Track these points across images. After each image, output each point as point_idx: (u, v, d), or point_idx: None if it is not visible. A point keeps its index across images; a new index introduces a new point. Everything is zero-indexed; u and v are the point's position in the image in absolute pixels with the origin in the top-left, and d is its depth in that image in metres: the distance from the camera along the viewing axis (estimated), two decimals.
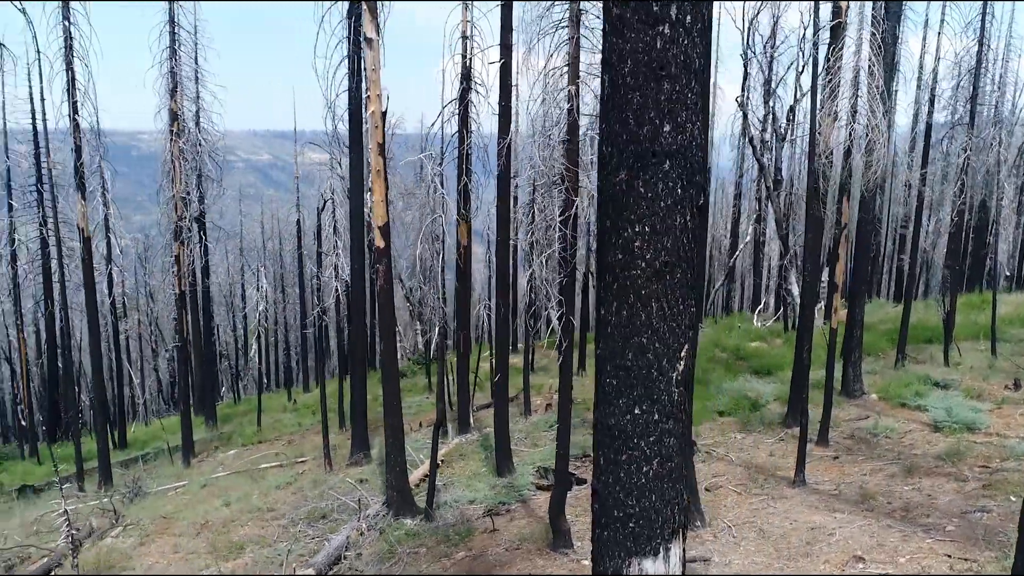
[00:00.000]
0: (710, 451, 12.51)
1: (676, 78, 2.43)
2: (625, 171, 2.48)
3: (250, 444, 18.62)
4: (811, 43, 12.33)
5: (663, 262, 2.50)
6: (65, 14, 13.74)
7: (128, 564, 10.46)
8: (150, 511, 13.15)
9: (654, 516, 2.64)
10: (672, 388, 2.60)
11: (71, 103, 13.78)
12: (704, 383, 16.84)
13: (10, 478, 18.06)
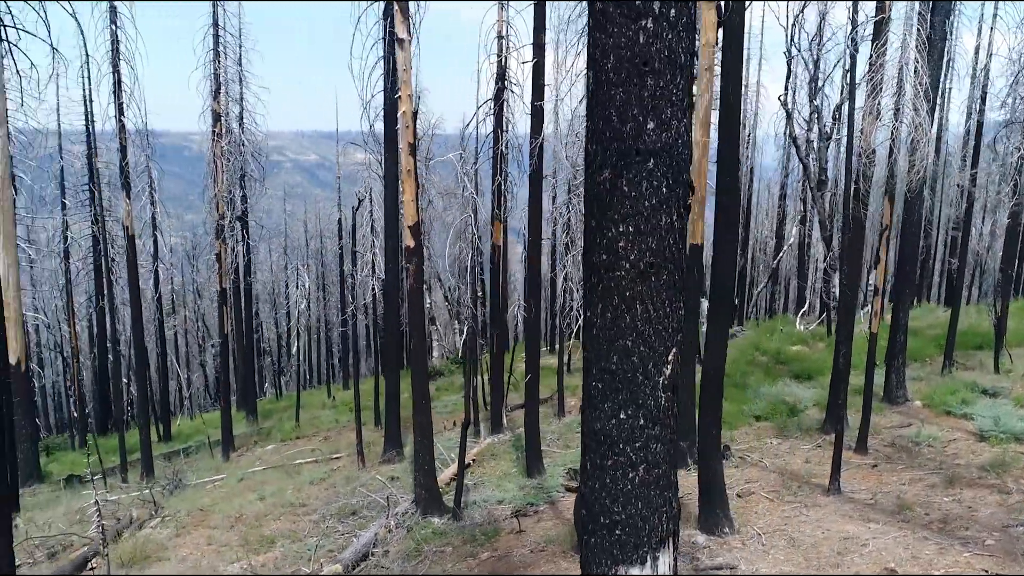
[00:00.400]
0: (744, 456, 12.28)
1: (660, 74, 2.35)
2: (609, 169, 2.41)
3: (288, 439, 18.91)
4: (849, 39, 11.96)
5: (648, 263, 2.43)
6: (112, 18, 14.17)
7: (163, 554, 10.70)
8: (188, 503, 13.44)
9: (640, 524, 2.57)
10: (659, 393, 2.53)
11: (117, 104, 14.20)
12: (742, 387, 16.55)
13: (59, 468, 18.66)
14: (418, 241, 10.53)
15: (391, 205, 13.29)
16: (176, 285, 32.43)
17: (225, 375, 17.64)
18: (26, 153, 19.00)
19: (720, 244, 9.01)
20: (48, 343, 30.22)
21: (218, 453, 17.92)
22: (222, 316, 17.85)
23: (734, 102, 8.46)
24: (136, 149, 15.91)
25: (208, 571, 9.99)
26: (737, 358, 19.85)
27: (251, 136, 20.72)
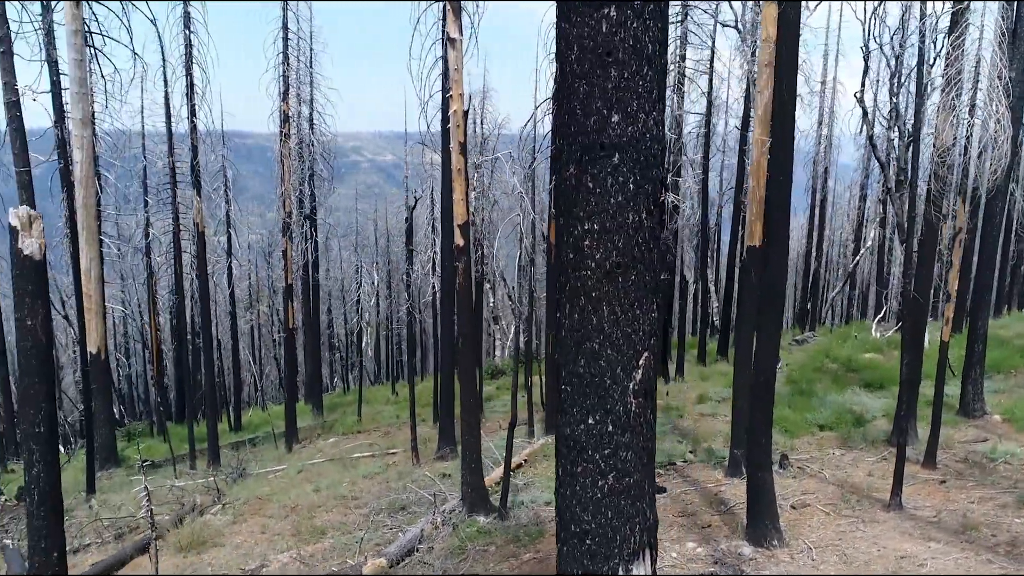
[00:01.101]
0: (803, 467, 11.82)
1: (624, 64, 2.24)
2: (574, 165, 2.32)
3: (349, 433, 19.30)
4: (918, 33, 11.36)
5: (614, 263, 2.32)
6: (186, 23, 14.78)
7: (219, 540, 11.05)
8: (248, 491, 13.86)
9: (611, 534, 2.47)
10: (628, 398, 2.41)
11: (189, 106, 14.81)
12: (807, 394, 15.96)
13: (136, 452, 19.58)
14: (467, 240, 10.55)
15: (447, 205, 13.37)
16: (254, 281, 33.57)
17: (290, 369, 18.14)
18: (111, 153, 20.00)
19: (771, 245, 8.67)
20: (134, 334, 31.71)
21: (282, 444, 18.44)
22: (287, 311, 18.38)
23: (788, 98, 8.13)
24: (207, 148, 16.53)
25: (258, 559, 10.26)
26: (805, 364, 19.18)
27: (320, 136, 21.26)
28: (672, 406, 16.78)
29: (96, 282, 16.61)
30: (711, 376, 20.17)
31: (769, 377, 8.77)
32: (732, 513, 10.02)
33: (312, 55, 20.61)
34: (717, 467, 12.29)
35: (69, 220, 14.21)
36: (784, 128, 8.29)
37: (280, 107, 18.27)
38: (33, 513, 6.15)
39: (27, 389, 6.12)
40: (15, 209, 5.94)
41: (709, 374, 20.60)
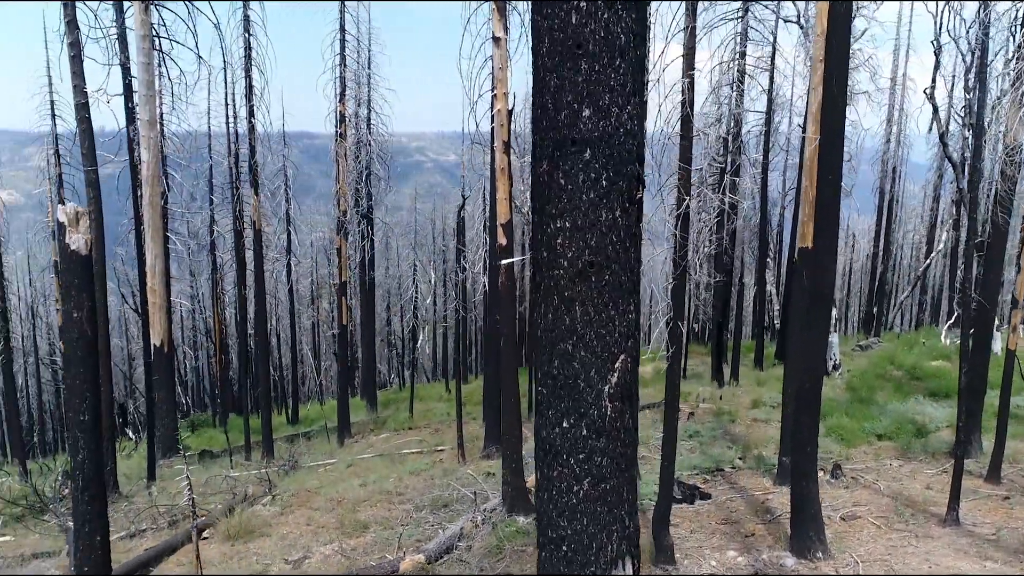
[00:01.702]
0: (857, 477, 11.39)
1: (595, 56, 2.17)
2: (546, 161, 2.26)
3: (401, 429, 19.53)
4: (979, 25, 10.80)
5: (587, 262, 2.25)
6: (246, 26, 15.23)
7: (266, 530, 11.31)
8: (298, 484, 14.17)
9: (587, 541, 2.39)
10: (603, 402, 2.34)
11: (248, 107, 15.25)
12: (867, 402, 15.40)
13: (197, 442, 20.24)
14: (510, 239, 10.53)
15: (493, 204, 13.37)
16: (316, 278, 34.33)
17: (342, 365, 18.47)
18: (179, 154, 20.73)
19: (818, 245, 8.37)
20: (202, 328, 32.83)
21: (335, 438, 18.79)
22: (340, 308, 18.72)
23: (838, 94, 7.82)
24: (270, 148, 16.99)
25: (302, 551, 10.46)
26: (866, 371, 18.51)
27: (378, 136, 21.59)
28: (724, 410, 16.42)
29: (160, 277, 17.23)
30: (767, 381, 19.65)
31: (816, 383, 8.46)
32: (778, 522, 9.73)
33: (370, 56, 20.96)
34: (766, 475, 11.96)
35: (135, 218, 14.80)
36: (833, 125, 7.99)
37: (337, 108, 18.64)
38: (78, 497, 6.35)
39: (72, 379, 6.34)
40: (63, 206, 6.16)
41: (766, 379, 20.07)
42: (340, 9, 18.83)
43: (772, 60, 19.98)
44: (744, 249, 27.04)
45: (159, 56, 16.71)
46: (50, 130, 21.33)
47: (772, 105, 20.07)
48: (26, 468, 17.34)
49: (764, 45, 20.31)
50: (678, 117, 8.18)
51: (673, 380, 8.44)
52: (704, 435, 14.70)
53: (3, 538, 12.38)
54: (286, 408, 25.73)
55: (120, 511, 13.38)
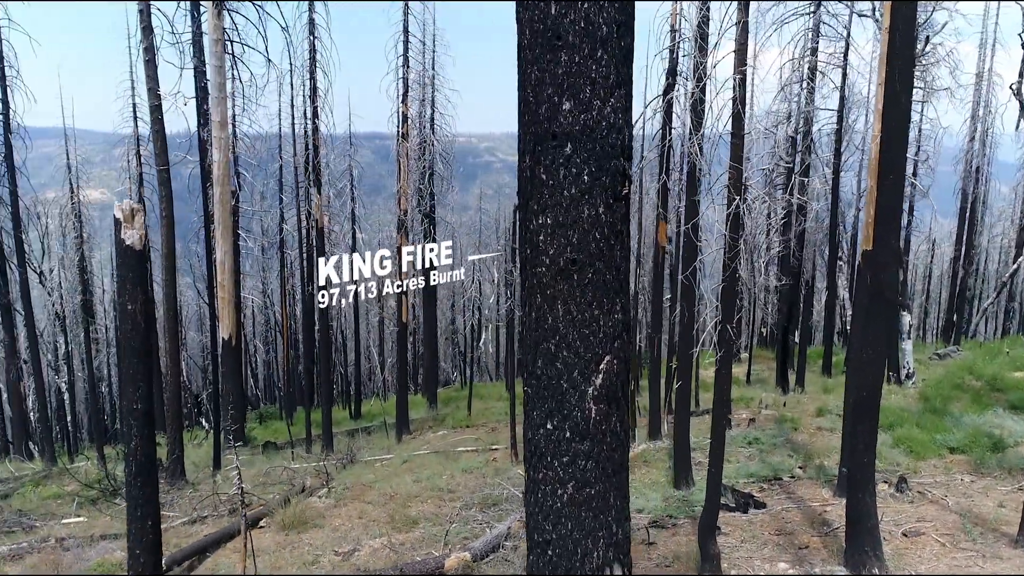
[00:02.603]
0: (924, 491, 10.84)
1: (575, 48, 2.10)
2: (528, 156, 2.20)
3: (458, 427, 19.67)
4: None
5: (568, 259, 2.18)
6: (311, 29, 15.61)
7: (319, 521, 11.57)
8: (354, 477, 14.43)
9: (572, 547, 2.33)
10: (587, 404, 2.27)
11: (312, 108, 15.62)
12: (940, 413, 14.66)
13: (263, 434, 20.89)
14: None
15: None
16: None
17: (401, 362, 18.74)
18: (249, 154, 21.42)
19: (878, 246, 8.00)
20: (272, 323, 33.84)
21: (393, 434, 19.07)
22: (400, 306, 19.00)
23: (901, 89, 7.45)
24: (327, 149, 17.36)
25: (352, 543, 10.64)
26: (941, 381, 17.63)
27: (441, 136, 21.82)
28: (787, 417, 15.92)
29: (230, 273, 17.81)
30: (835, 388, 18.95)
31: (874, 390, 8.09)
32: (835, 535, 9.35)
33: (434, 57, 21.20)
34: (826, 485, 11.52)
35: (204, 216, 15.35)
36: (896, 123, 7.61)
37: (399, 108, 18.90)
38: (131, 482, 6.59)
39: (127, 369, 6.57)
40: (119, 203, 6.40)
41: (833, 386, 19.36)
42: (404, 10, 19.12)
43: (845, 56, 19.26)
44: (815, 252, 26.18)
45: (231, 59, 17.29)
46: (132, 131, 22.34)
47: (845, 103, 19.34)
48: (103, 453, 18.22)
49: (837, 41, 19.60)
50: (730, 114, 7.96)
51: (722, 385, 8.21)
52: (764, 442, 14.28)
53: (77, 519, 13.04)
54: (349, 403, 26.28)
55: (185, 497, 13.92)
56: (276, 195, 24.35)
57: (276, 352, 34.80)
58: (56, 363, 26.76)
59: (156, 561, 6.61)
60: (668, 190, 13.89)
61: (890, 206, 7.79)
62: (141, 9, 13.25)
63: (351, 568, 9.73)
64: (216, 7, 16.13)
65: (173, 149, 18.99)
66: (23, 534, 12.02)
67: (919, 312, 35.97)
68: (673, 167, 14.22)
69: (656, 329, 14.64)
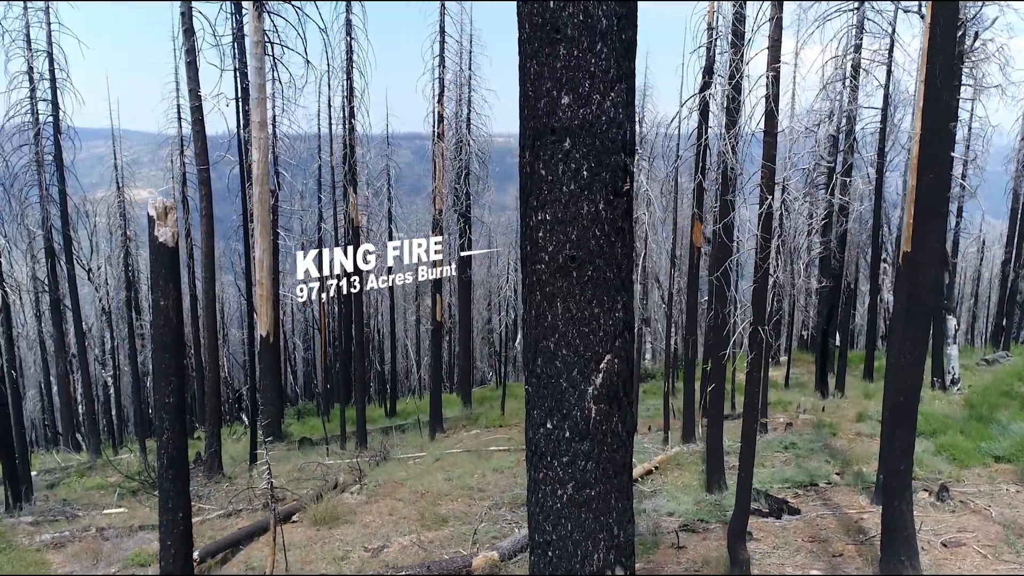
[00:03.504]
0: (967, 500, 10.52)
1: (574, 41, 2.06)
2: (528, 151, 2.17)
3: (491, 427, 19.70)
4: None
5: (567, 256, 2.14)
6: (348, 30, 15.77)
7: (350, 517, 11.67)
8: (387, 475, 14.54)
9: (572, 548, 2.29)
10: (586, 404, 2.23)
11: (348, 108, 15.78)
12: (986, 421, 14.21)
13: (299, 430, 21.19)
14: None
15: None
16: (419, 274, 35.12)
17: (435, 361, 18.84)
18: (289, 154, 21.74)
19: (917, 248, 7.77)
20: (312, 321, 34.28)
21: (426, 432, 19.17)
22: (435, 305, 19.10)
23: (942, 86, 7.22)
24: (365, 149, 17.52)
25: (382, 540, 10.71)
26: (989, 387, 17.10)
27: (477, 136, 21.88)
28: (825, 422, 15.60)
29: (268, 271, 18.09)
30: (876, 393, 18.49)
31: (911, 396, 7.85)
32: (871, 544, 9.12)
33: (471, 57, 21.27)
34: (864, 492, 11.26)
35: (243, 215, 15.61)
36: (936, 120, 7.38)
37: (435, 108, 19.01)
38: (162, 475, 6.70)
39: (159, 363, 6.69)
40: (152, 200, 6.52)
41: (874, 391, 18.90)
42: (440, 10, 19.22)
43: (890, 53, 18.79)
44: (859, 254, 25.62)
45: (271, 61, 17.56)
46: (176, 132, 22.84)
47: (889, 101, 18.87)
48: (144, 446, 18.66)
49: (881, 37, 19.13)
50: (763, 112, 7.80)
51: (753, 388, 8.07)
52: (801, 447, 14.01)
53: (118, 509, 13.37)
54: (385, 401, 26.52)
55: (221, 491, 14.18)
56: (315, 195, 24.68)
57: (315, 350, 35.26)
58: (103, 358, 27.51)
59: (187, 552, 6.73)
60: (704, 190, 13.71)
61: (930, 206, 7.56)
62: (183, 12, 13.53)
63: (380, 564, 9.79)
64: (256, 9, 16.40)
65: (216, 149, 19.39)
66: (66, 523, 12.37)
67: (967, 317, 34.92)
68: (710, 167, 14.02)
69: (691, 331, 14.45)
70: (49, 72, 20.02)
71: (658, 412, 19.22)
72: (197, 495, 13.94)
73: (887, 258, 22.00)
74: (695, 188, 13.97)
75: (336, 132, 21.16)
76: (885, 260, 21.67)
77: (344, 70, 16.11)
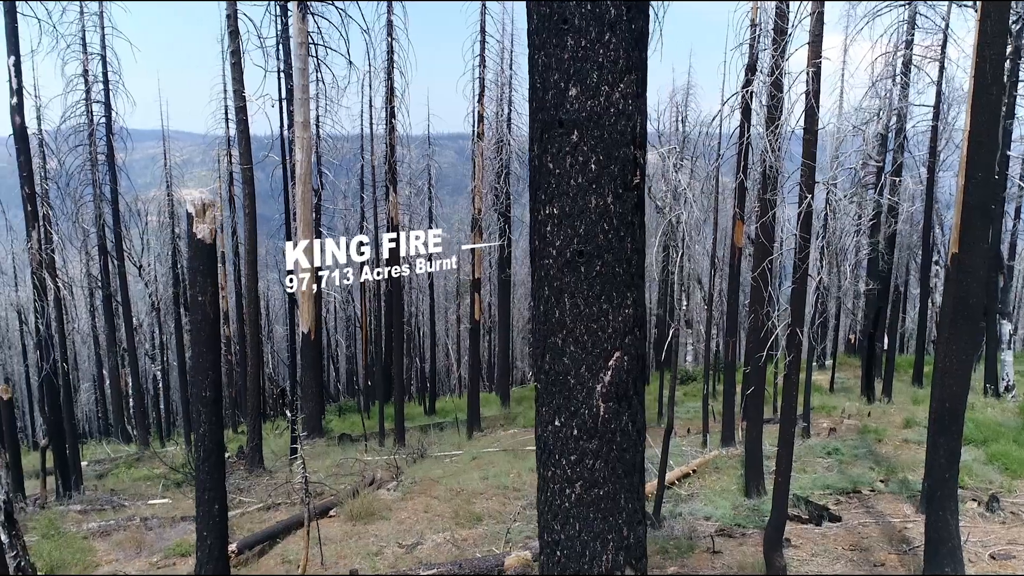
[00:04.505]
0: (1018, 512, 10.16)
1: (582, 31, 2.02)
2: (537, 144, 2.14)
3: (529, 426, 19.66)
4: None
5: (575, 251, 2.10)
6: (389, 31, 15.90)
7: (386, 514, 11.75)
8: (423, 472, 14.61)
9: (580, 548, 2.25)
10: (594, 401, 2.18)
11: (388, 108, 15.92)
12: None
13: (340, 426, 21.45)
14: None
15: None
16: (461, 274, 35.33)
17: (474, 360, 18.89)
18: (332, 154, 22.02)
19: (964, 249, 7.50)
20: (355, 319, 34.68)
21: (464, 431, 19.23)
22: (473, 304, 19.14)
23: (992, 81, 6.95)
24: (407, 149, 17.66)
25: (416, 536, 10.77)
26: None
27: (517, 136, 21.87)
28: (871, 428, 15.19)
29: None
30: (925, 400, 17.93)
31: (957, 403, 7.59)
32: (914, 554, 8.84)
33: (512, 57, 21.28)
34: (909, 500, 10.94)
35: (286, 213, 15.86)
36: (986, 117, 7.11)
37: (475, 108, 19.07)
38: (199, 467, 6.82)
39: (196, 357, 6.81)
40: (190, 197, 6.63)
41: (923, 397, 18.33)
42: (481, 11, 19.27)
43: (943, 49, 18.22)
44: (909, 255, 24.92)
45: (314, 62, 17.81)
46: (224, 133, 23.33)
47: (942, 98, 18.30)
48: (189, 439, 19.10)
49: (934, 33, 18.57)
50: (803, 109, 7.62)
51: (790, 391, 7.88)
52: (844, 453, 13.67)
53: (162, 500, 13.71)
54: (424, 399, 26.70)
55: (261, 484, 14.42)
56: (357, 194, 24.98)
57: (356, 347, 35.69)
58: (152, 352, 28.27)
59: (223, 542, 6.84)
60: (746, 189, 13.47)
61: (979, 206, 7.29)
62: (228, 14, 13.81)
63: (413, 561, 9.84)
64: (301, 10, 16.65)
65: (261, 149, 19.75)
66: (112, 512, 12.72)
67: None
68: (752, 166, 13.78)
69: (732, 333, 14.22)
70: (102, 75, 20.62)
71: (697, 415, 18.96)
72: (238, 488, 14.22)
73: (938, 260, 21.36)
74: (736, 187, 13.74)
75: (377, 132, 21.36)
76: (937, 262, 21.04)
77: (385, 70, 16.27)
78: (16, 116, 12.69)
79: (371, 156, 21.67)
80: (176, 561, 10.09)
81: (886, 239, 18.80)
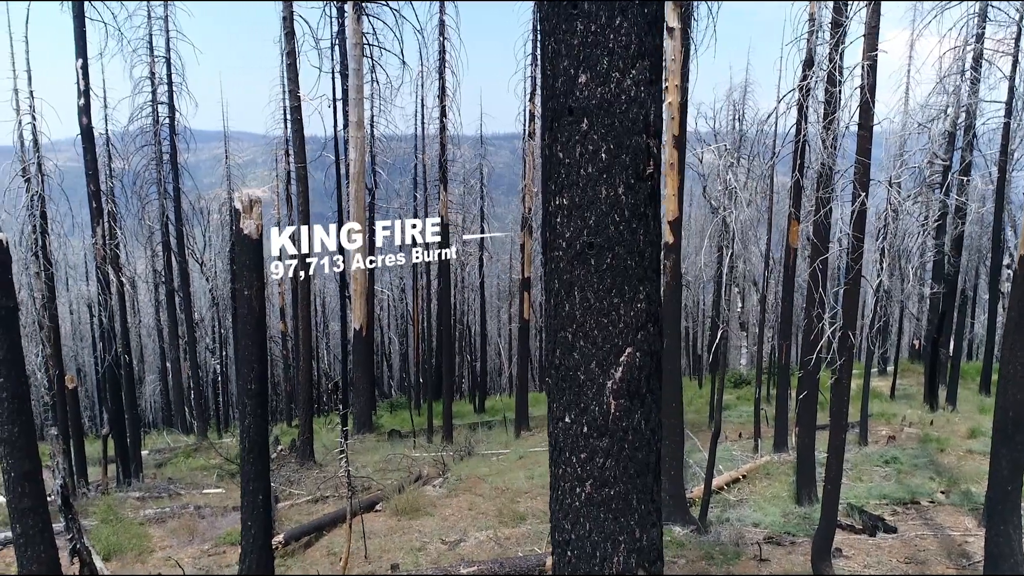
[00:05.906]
0: None
1: (592, 16, 1.95)
2: (547, 133, 2.09)
3: None
4: None
5: (585, 243, 2.04)
6: (441, 31, 16.00)
7: (430, 510, 11.83)
8: (469, 470, 14.66)
9: (590, 549, 2.19)
10: (605, 398, 2.12)
11: (440, 108, 16.01)
12: None
13: (390, 422, 21.68)
14: (677, 237, 10.12)
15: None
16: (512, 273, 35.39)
17: (521, 359, 18.86)
18: (386, 154, 22.30)
19: None
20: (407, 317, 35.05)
21: (512, 430, 19.22)
22: (522, 303, 19.09)
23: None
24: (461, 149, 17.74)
25: (459, 533, 10.80)
26: None
27: None
28: (932, 437, 14.62)
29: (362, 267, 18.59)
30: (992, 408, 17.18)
31: (1021, 412, 7.21)
32: (973, 569, 8.49)
33: None
34: (971, 513, 10.49)
35: (338, 211, 16.11)
36: None
37: (527, 106, 19.01)
38: (244, 459, 6.94)
39: (242, 351, 6.93)
40: (238, 194, 6.76)
41: (990, 406, 17.52)
42: (533, 9, 19.18)
43: (1017, 42, 17.42)
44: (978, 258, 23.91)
45: (369, 62, 18.05)
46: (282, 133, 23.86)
47: (1014, 94, 17.49)
48: None
49: (1007, 26, 17.76)
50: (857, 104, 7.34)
51: (840, 396, 7.62)
52: (903, 462, 13.19)
53: (216, 490, 14.07)
54: (474, 397, 26.81)
55: (311, 478, 14.68)
56: (411, 193, 25.26)
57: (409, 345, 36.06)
58: (213, 346, 29.11)
59: (266, 532, 6.96)
60: (802, 188, 13.10)
61: None
62: (284, 16, 14.09)
63: (455, 557, 9.87)
64: (356, 11, 16.89)
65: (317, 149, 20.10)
66: (168, 500, 13.12)
67: None
68: (808, 164, 13.40)
69: (785, 336, 13.85)
70: (167, 76, 21.31)
71: (750, 419, 18.54)
72: (289, 480, 14.50)
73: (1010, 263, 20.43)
74: (792, 186, 13.38)
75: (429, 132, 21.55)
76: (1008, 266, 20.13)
77: (437, 70, 16.38)
78: (83, 117, 13.20)
79: (423, 155, 21.85)
80: (226, 549, 10.33)
81: (953, 241, 18.06)
